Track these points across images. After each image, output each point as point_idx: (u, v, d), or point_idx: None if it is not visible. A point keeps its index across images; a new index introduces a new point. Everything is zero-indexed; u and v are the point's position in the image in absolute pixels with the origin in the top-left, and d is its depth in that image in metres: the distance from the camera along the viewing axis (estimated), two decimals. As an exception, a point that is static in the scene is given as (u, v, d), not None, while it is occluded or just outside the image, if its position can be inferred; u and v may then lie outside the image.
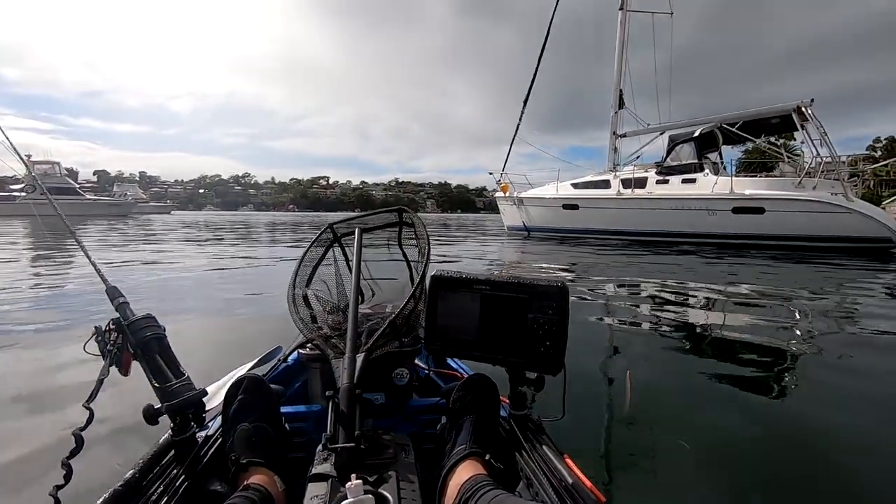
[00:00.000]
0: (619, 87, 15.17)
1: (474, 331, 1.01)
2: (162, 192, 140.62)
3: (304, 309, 1.24)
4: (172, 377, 0.93)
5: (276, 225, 24.98)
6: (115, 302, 0.97)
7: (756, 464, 1.51)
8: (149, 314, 0.97)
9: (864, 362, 2.58)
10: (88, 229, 16.50)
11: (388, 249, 1.42)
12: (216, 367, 2.06)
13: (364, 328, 1.11)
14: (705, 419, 1.83)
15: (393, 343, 1.10)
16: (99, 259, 1.08)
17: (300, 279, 1.30)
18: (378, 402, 1.09)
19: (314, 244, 1.38)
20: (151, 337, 0.94)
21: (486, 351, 1.00)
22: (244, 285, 4.95)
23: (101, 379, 0.86)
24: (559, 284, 0.97)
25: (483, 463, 0.87)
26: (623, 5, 15.19)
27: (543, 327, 0.95)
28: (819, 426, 1.77)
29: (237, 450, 0.85)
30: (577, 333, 3.03)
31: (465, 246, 11.31)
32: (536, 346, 0.95)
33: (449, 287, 1.04)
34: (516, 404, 1.04)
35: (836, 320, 3.56)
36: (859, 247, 9.86)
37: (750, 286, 5.21)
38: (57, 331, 2.90)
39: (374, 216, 1.44)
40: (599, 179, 14.18)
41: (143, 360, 0.92)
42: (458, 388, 1.03)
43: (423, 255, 1.27)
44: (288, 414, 1.06)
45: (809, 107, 10.65)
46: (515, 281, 1.00)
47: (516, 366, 1.00)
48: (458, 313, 1.03)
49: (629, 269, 6.80)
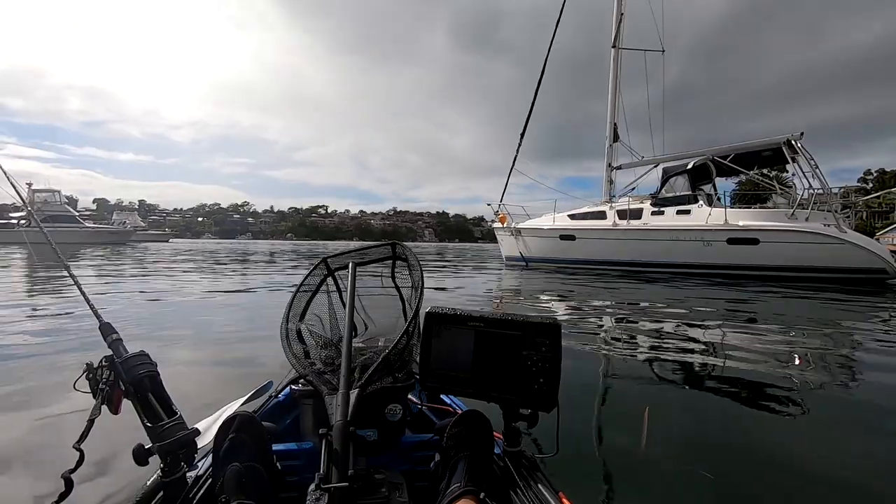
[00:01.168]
0: (614, 120, 15.54)
1: (468, 367, 1.01)
2: (161, 220, 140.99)
3: (297, 344, 1.23)
4: (164, 416, 0.91)
5: (272, 253, 24.94)
6: (109, 339, 0.97)
7: (757, 495, 1.48)
8: (142, 351, 0.97)
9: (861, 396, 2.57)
10: (86, 256, 16.46)
11: (381, 283, 1.42)
12: (208, 400, 2.04)
13: (357, 363, 1.10)
14: (704, 454, 1.80)
15: (386, 378, 1.10)
16: (93, 286, 1.08)
17: (294, 313, 1.30)
18: (371, 438, 1.08)
19: (308, 278, 1.38)
20: (144, 375, 0.93)
21: (481, 388, 1.01)
22: (237, 315, 4.92)
23: (91, 419, 0.85)
24: (552, 322, 0.98)
25: (478, 501, 0.86)
26: (615, 43, 15.71)
27: (537, 364, 0.96)
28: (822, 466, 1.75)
29: (227, 491, 0.83)
30: (571, 365, 3.02)
31: (465, 275, 11.31)
32: (530, 383, 0.96)
33: (443, 323, 1.05)
34: (510, 440, 1.03)
35: (832, 356, 3.56)
36: (854, 277, 9.90)
37: (747, 318, 5.21)
38: (48, 367, 2.81)
39: (367, 250, 1.45)
40: (595, 210, 14.35)
41: (135, 398, 0.91)
42: (451, 425, 1.03)
43: (417, 289, 1.28)
44: (279, 452, 1.04)
45: (799, 140, 10.89)
46: (509, 318, 1.01)
47: (510, 403, 1.00)
48: (453, 350, 1.03)
49: (625, 300, 6.80)
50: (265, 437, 0.97)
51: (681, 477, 1.62)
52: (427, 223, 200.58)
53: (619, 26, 15.66)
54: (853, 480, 1.61)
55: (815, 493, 1.54)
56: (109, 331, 0.98)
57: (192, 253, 23.07)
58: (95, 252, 21.01)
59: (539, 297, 7.03)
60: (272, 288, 7.64)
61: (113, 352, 0.94)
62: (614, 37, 15.71)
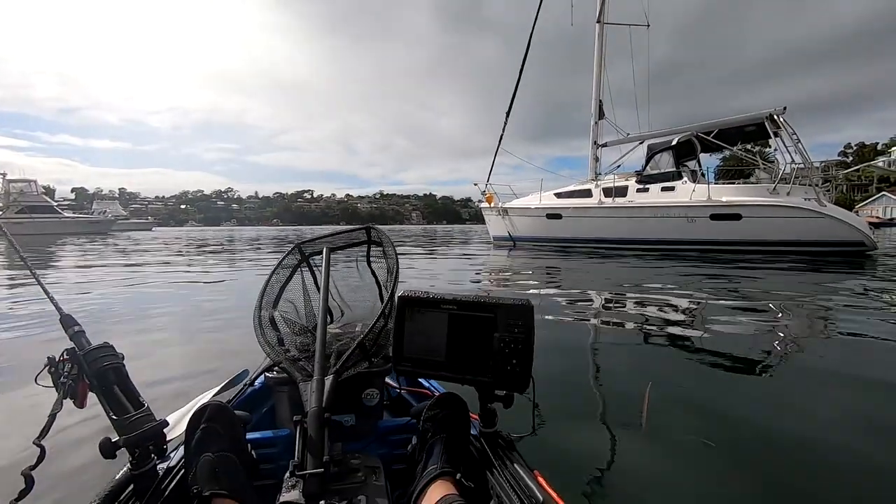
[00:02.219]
0: (599, 97, 15.48)
1: (442, 351, 1.00)
2: (143, 209, 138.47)
3: (270, 332, 1.21)
4: (131, 408, 0.89)
5: (256, 240, 24.67)
6: (70, 331, 0.94)
7: (736, 472, 1.52)
8: (106, 343, 0.94)
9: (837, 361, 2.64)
10: (65, 247, 16.12)
11: (356, 268, 1.40)
12: (181, 392, 2.01)
13: (333, 349, 1.09)
14: (681, 428, 1.83)
15: (363, 364, 1.09)
16: (64, 278, 1.04)
17: (267, 301, 1.28)
18: (348, 423, 1.08)
19: (281, 264, 1.35)
20: (108, 367, 0.90)
21: (455, 371, 1.00)
22: (213, 303, 4.85)
23: (53, 414, 0.83)
24: (524, 303, 0.97)
25: (454, 482, 0.87)
26: (600, 18, 15.55)
27: (510, 346, 0.95)
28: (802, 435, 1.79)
29: (200, 481, 0.82)
30: (550, 341, 3.04)
31: (453, 255, 11.31)
32: (503, 365, 0.95)
33: (416, 307, 1.04)
34: (486, 422, 1.04)
35: (810, 321, 3.64)
36: (834, 250, 10.12)
37: (730, 291, 5.29)
38: (5, 362, 2.70)
39: (341, 235, 1.42)
40: (581, 189, 14.39)
41: (100, 391, 0.89)
42: (428, 408, 1.02)
43: (392, 273, 1.26)
44: (254, 440, 1.03)
45: (782, 114, 10.96)
46: (481, 300, 1.00)
47: (485, 385, 0.99)
48: (426, 333, 1.02)
49: (610, 277, 6.86)
50: (238, 426, 0.95)
51: (658, 449, 1.65)
52: (414, 206, 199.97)
53: (603, 1, 15.49)
54: (834, 440, 1.66)
55: (805, 456, 1.58)
56: (71, 322, 0.95)
57: (175, 241, 22.72)
58: (75, 242, 20.59)
59: (523, 275, 7.06)
60: (256, 271, 7.57)
61: (75, 344, 0.92)
62: (599, 12, 15.53)
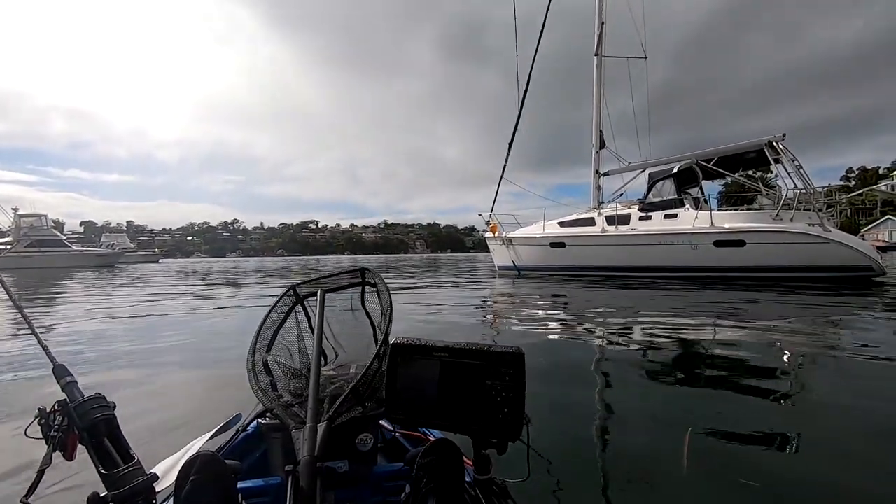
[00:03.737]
0: (600, 127, 15.71)
1: (434, 399, 0.99)
2: (149, 241, 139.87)
3: (263, 376, 1.20)
4: (121, 462, 0.88)
5: (254, 272, 24.74)
6: (62, 381, 0.93)
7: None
8: (98, 394, 0.94)
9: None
10: (72, 282, 16.23)
11: (351, 309, 1.40)
12: (174, 436, 1.97)
13: (327, 393, 1.08)
14: (684, 474, 1.78)
15: (357, 409, 1.08)
16: (67, 313, 1.05)
17: (260, 344, 1.27)
18: (341, 469, 1.05)
19: (276, 307, 1.35)
20: (100, 419, 0.89)
21: (447, 419, 0.99)
22: (211, 338, 4.83)
23: (42, 469, 0.82)
24: (515, 350, 0.97)
25: None
26: (598, 51, 15.94)
27: (501, 394, 0.94)
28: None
29: None
30: (549, 380, 2.98)
31: (458, 286, 11.29)
32: (495, 413, 0.94)
33: (408, 354, 1.03)
34: (480, 468, 1.01)
35: (821, 349, 3.57)
36: (841, 276, 10.00)
37: (737, 320, 5.23)
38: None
39: (336, 277, 1.43)
40: (584, 217, 14.45)
41: (90, 444, 0.88)
42: (421, 454, 1.00)
43: (386, 315, 1.26)
44: (245, 489, 1.01)
45: (781, 141, 11.06)
46: (473, 347, 0.99)
47: (477, 433, 0.98)
48: (419, 381, 1.01)
49: (614, 306, 6.80)
50: (229, 476, 0.93)
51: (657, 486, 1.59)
52: (418, 235, 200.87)
53: (600, 34, 15.91)
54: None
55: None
56: (63, 373, 0.95)
57: (180, 274, 22.83)
58: (82, 275, 20.72)
59: (528, 305, 7.02)
60: (255, 305, 7.56)
61: (67, 395, 0.91)
62: (596, 45, 15.94)
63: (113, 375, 3.30)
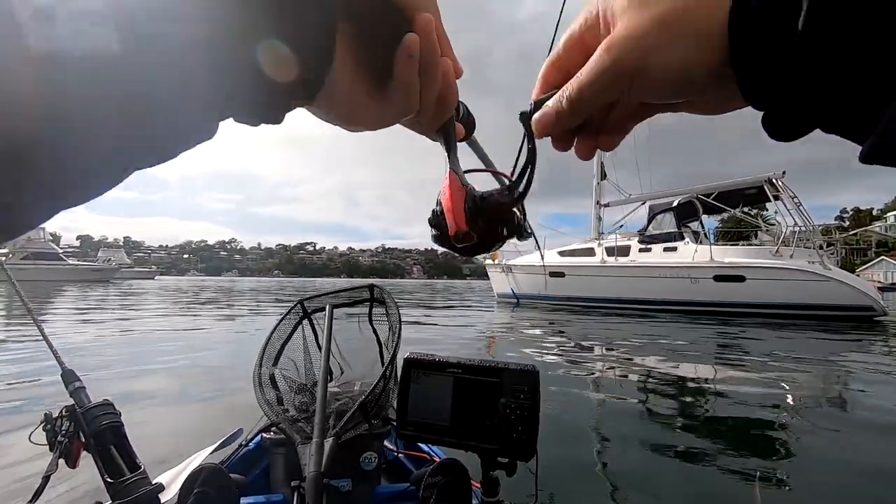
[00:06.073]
0: (601, 159, 15.90)
1: (447, 416, 0.95)
2: (146, 257, 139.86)
3: (269, 390, 1.16)
4: (127, 471, 0.84)
5: (246, 292, 24.62)
6: (71, 387, 0.90)
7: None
8: (106, 400, 0.90)
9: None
10: (65, 294, 16.06)
11: (358, 325, 1.36)
12: (176, 449, 1.90)
13: (332, 409, 1.05)
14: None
15: (362, 426, 1.04)
16: (68, 324, 1.01)
17: (267, 357, 1.23)
18: (345, 489, 1.02)
19: (283, 320, 1.31)
20: (107, 426, 0.86)
21: (460, 437, 0.94)
22: (210, 355, 4.74)
23: (47, 475, 0.78)
24: (530, 368, 0.93)
25: None
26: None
27: (515, 412, 0.90)
28: None
29: None
30: (555, 407, 2.93)
31: (459, 312, 11.19)
32: (509, 432, 0.90)
33: (422, 369, 0.99)
34: (488, 490, 0.97)
35: (820, 393, 3.49)
36: (841, 315, 9.90)
37: (737, 356, 5.15)
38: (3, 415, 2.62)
39: (345, 292, 1.40)
40: (584, 248, 14.48)
41: (96, 451, 0.84)
42: (428, 475, 0.97)
43: (395, 333, 1.22)
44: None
45: (781, 178, 11.15)
46: (487, 364, 0.95)
47: (490, 452, 0.94)
48: (431, 397, 0.97)
49: (612, 339, 6.71)
50: (233, 490, 0.91)
51: None
52: (416, 260, 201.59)
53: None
54: None
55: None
56: (72, 378, 0.91)
57: (175, 291, 22.71)
58: (74, 290, 20.58)
59: (528, 335, 6.93)
60: (251, 327, 7.44)
61: (75, 401, 0.88)
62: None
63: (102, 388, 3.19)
